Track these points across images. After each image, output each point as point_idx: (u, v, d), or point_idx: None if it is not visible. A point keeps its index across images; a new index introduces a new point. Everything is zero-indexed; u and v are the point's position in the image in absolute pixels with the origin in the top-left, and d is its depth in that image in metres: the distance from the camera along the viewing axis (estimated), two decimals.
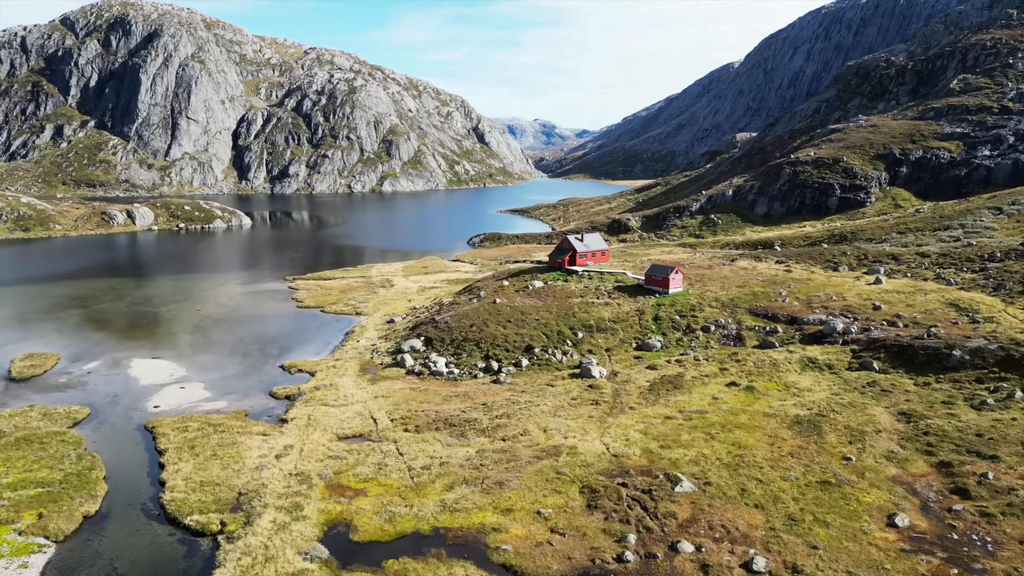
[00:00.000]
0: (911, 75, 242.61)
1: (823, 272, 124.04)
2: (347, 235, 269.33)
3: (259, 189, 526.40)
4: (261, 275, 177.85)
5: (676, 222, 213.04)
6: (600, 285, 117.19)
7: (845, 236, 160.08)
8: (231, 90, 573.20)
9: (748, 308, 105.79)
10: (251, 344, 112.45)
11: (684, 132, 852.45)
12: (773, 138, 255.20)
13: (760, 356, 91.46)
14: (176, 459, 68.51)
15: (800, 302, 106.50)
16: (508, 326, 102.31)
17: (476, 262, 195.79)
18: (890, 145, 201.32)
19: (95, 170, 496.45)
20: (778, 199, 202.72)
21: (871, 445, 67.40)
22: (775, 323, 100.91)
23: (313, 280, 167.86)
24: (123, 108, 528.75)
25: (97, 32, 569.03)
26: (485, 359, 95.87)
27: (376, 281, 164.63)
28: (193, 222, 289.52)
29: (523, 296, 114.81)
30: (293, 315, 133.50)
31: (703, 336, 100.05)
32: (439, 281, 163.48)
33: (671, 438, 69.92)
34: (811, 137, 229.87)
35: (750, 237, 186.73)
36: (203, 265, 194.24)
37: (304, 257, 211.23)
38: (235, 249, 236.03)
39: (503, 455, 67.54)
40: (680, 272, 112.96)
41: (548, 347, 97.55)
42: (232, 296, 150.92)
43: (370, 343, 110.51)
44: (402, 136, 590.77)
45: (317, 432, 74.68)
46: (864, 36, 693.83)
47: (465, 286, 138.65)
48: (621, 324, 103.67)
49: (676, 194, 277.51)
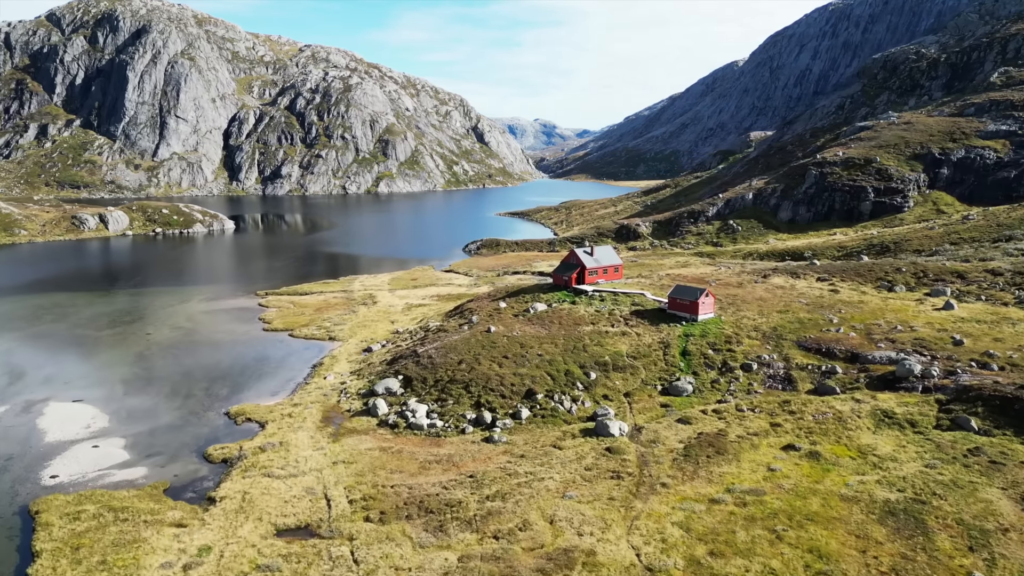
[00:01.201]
0: (944, 68, 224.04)
1: (876, 293, 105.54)
2: (334, 241, 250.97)
3: (250, 190, 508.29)
4: (231, 288, 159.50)
5: (691, 228, 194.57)
6: (615, 309, 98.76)
7: (887, 247, 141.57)
8: (222, 88, 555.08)
9: (795, 340, 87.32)
10: (198, 381, 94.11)
11: (688, 131, 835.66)
12: (793, 137, 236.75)
13: (819, 406, 73.04)
14: (50, 569, 50.13)
15: (858, 332, 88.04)
16: (505, 363, 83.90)
17: (471, 273, 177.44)
18: (928, 144, 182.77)
19: (79, 171, 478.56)
20: (804, 203, 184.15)
21: (1001, 553, 48.99)
22: (831, 360, 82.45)
23: (287, 296, 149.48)
24: (110, 107, 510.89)
25: (84, 28, 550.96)
26: (476, 407, 77.43)
27: (358, 297, 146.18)
28: (171, 227, 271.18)
29: (523, 323, 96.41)
30: (256, 341, 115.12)
31: (744, 377, 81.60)
32: (428, 297, 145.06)
33: (723, 539, 51.50)
34: (836, 136, 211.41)
35: (775, 246, 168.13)
36: (170, 276, 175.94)
37: (283, 267, 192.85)
38: (210, 257, 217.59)
39: (495, 566, 49.15)
40: (711, 295, 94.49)
41: (554, 391, 79.08)
42: (192, 316, 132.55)
43: (339, 380, 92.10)
44: (399, 136, 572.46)
45: (249, 523, 56.24)
46: (872, 33, 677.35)
47: (456, 306, 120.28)
48: (643, 360, 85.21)
49: (687, 197, 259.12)
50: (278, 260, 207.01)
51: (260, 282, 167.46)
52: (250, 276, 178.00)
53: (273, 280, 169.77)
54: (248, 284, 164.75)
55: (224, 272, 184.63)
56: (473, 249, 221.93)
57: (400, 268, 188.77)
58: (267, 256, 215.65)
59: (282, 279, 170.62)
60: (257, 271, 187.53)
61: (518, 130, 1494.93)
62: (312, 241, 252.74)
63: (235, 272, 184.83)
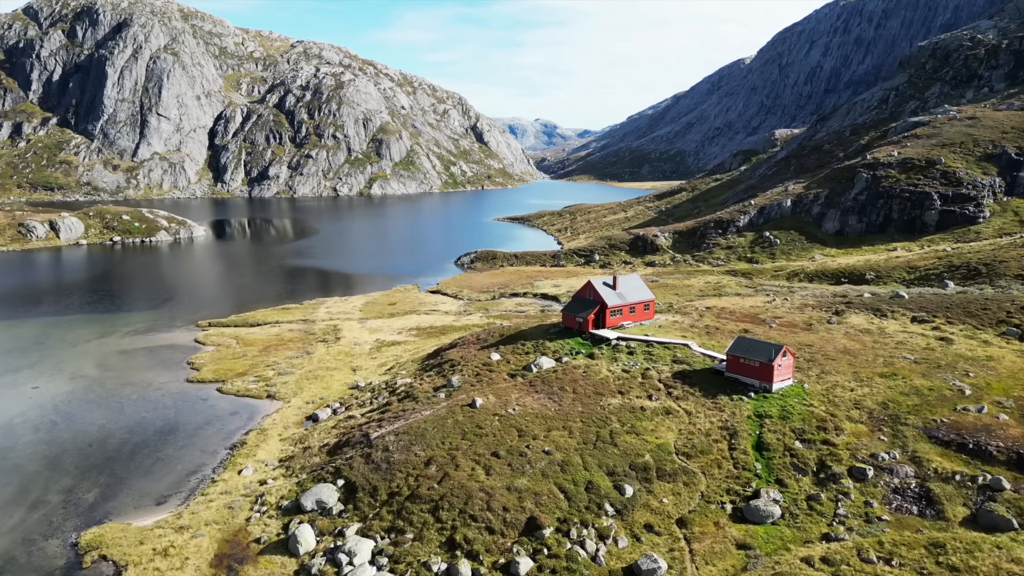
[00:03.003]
0: (1006, 56, 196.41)
1: (1005, 344, 77.62)
2: (311, 251, 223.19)
3: (236, 192, 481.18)
4: (170, 316, 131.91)
5: (719, 240, 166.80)
6: (650, 369, 71.03)
7: (976, 269, 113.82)
8: (208, 85, 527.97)
9: (921, 427, 59.58)
10: (64, 474, 66.51)
11: (694, 131, 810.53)
12: (829, 134, 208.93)
13: (993, 554, 45.44)
14: None
15: (1010, 413, 60.31)
16: (495, 467, 56.20)
17: (462, 295, 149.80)
18: (1001, 143, 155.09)
19: (54, 171, 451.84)
20: (854, 212, 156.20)
21: None
22: (986, 464, 54.69)
23: (234, 328, 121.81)
24: (88, 104, 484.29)
25: (62, 22, 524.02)
26: (448, 548, 49.68)
27: (319, 329, 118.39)
28: (132, 235, 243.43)
29: (522, 390, 68.73)
30: (172, 400, 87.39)
31: (856, 490, 53.82)
32: (406, 331, 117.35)
33: None
34: (885, 133, 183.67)
35: (825, 264, 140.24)
36: (105, 299, 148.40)
37: (242, 286, 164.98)
38: (164, 273, 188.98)
39: None
40: (789, 353, 66.55)
41: (570, 521, 51.26)
42: (105, 358, 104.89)
43: (259, 477, 64.38)
44: (393, 135, 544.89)
45: None
46: (886, 29, 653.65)
47: (436, 351, 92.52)
48: (700, 460, 57.48)
49: (707, 202, 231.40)
50: (241, 275, 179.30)
51: (209, 307, 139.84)
52: (200, 298, 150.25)
53: (224, 304, 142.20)
54: (193, 310, 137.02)
55: (171, 292, 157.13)
56: (466, 263, 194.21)
57: (379, 287, 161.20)
58: (229, 271, 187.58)
59: (235, 303, 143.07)
60: (210, 291, 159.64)
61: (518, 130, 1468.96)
62: (287, 251, 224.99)
63: (184, 293, 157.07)
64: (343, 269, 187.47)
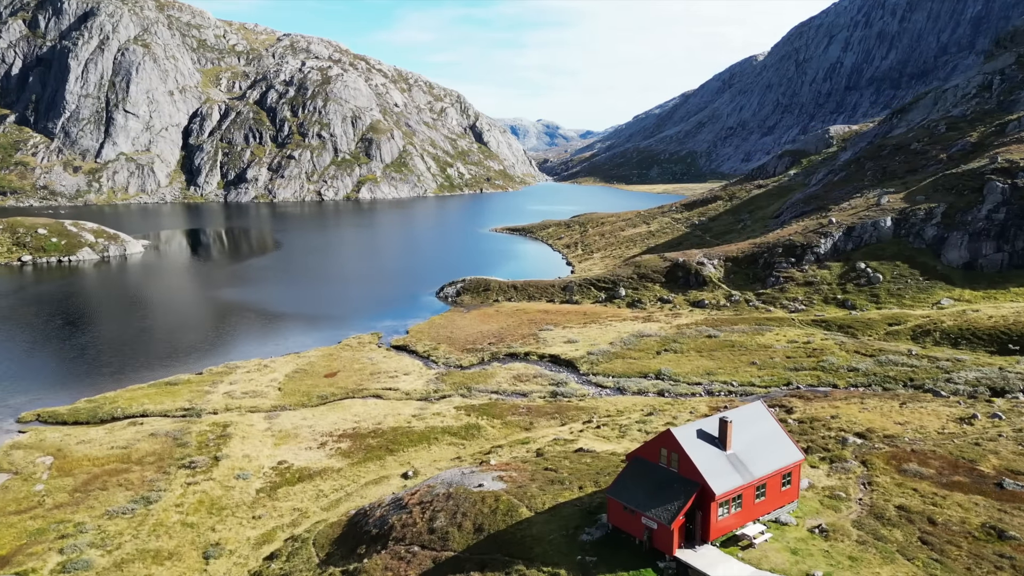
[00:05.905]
0: None
1: None
2: (257, 277, 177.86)
3: (210, 196, 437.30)
4: (4, 396, 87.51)
5: (791, 273, 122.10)
6: None
7: None
8: (183, 80, 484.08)
9: None
10: None
11: (705, 130, 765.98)
12: (914, 129, 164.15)
13: None
14: None
15: None
16: None
17: (437, 353, 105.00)
18: None
19: (8, 174, 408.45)
20: (989, 237, 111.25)
21: None
22: None
23: (69, 426, 77.24)
24: (49, 100, 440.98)
25: (23, 11, 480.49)
26: None
27: (196, 435, 73.61)
28: (47, 253, 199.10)
29: None
30: None
31: None
32: (335, 436, 72.57)
33: None
34: (1001, 127, 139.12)
35: (969, 318, 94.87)
36: None
37: (131, 339, 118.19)
38: (43, 315, 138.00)
39: None
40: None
41: None
42: None
43: None
44: (384, 134, 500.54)
45: None
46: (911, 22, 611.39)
47: (358, 522, 48.04)
48: None
49: (752, 214, 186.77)
50: (142, 318, 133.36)
51: (60, 378, 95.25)
52: (55, 362, 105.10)
53: (84, 374, 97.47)
54: (30, 385, 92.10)
55: (39, 346, 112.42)
56: (451, 295, 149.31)
57: (325, 337, 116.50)
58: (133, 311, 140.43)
59: (103, 371, 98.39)
60: (75, 349, 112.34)
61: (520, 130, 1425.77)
62: (227, 276, 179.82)
63: (38, 352, 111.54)
64: (285, 307, 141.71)
